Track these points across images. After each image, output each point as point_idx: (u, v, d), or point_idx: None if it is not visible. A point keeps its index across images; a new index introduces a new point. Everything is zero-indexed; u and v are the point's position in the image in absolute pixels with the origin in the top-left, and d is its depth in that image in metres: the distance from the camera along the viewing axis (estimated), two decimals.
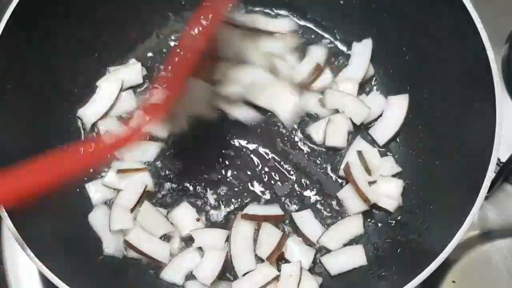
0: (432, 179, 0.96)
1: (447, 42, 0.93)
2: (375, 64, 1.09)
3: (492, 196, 1.04)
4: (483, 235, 1.02)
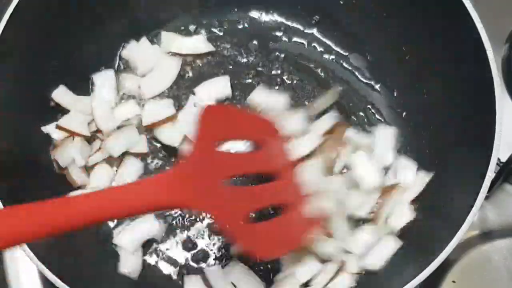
0: (432, 179, 0.96)
1: (447, 42, 0.93)
2: (375, 70, 1.09)
3: (492, 196, 1.04)
4: (483, 235, 1.02)
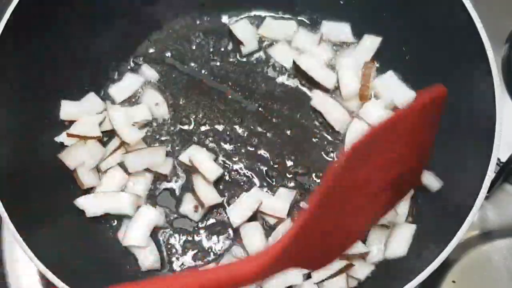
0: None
1: (447, 42, 0.93)
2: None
3: (492, 196, 1.04)
4: (483, 235, 1.02)
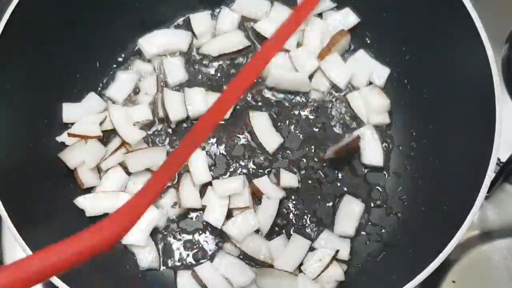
0: (432, 179, 0.96)
1: (447, 42, 0.93)
2: None
3: (492, 196, 1.04)
4: (483, 235, 1.02)
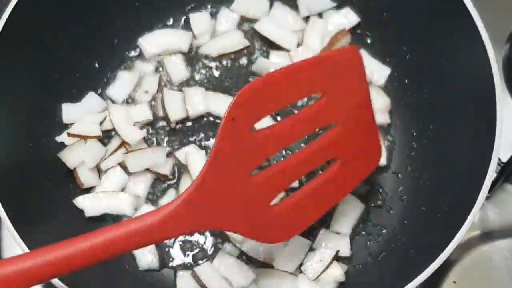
0: (432, 179, 0.96)
1: (447, 41, 0.93)
2: None
3: (493, 196, 1.04)
4: (484, 235, 1.02)
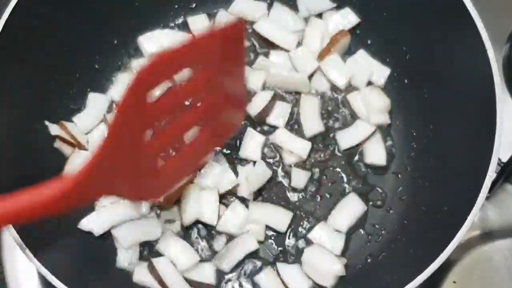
0: (432, 179, 0.96)
1: (447, 41, 0.93)
2: None
3: (493, 196, 1.04)
4: (484, 235, 1.02)
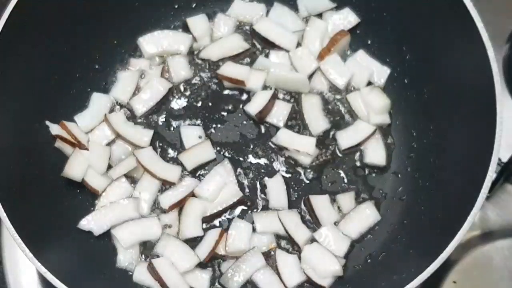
0: (432, 179, 0.96)
1: (447, 41, 0.93)
2: None
3: (493, 196, 1.04)
4: (484, 235, 1.02)
